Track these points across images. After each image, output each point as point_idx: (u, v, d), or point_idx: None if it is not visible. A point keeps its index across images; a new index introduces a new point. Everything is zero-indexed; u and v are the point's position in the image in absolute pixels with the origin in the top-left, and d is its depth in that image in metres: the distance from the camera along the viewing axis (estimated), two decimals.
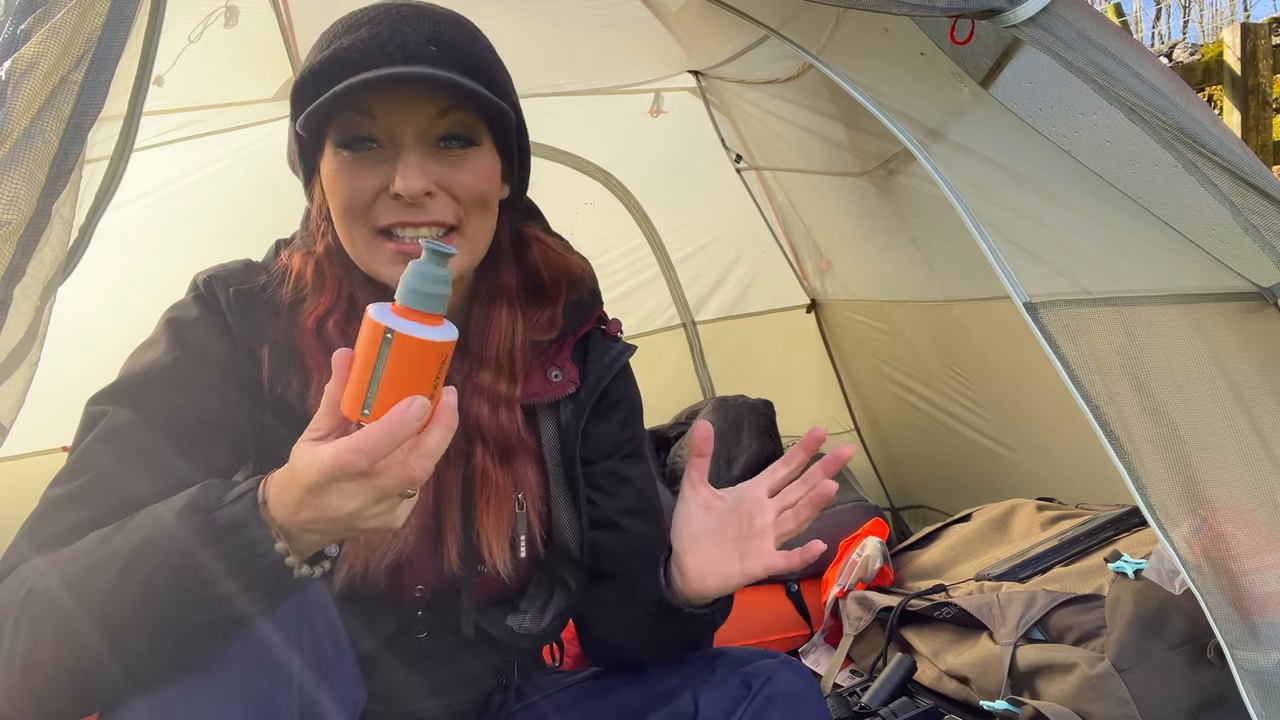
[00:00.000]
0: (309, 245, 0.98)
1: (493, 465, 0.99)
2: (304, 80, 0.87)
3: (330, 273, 0.96)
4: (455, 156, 0.89)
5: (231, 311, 0.93)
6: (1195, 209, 1.10)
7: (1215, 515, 1.03)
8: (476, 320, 1.00)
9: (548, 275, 1.04)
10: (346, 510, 0.67)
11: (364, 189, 0.88)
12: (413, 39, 0.85)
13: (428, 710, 1.04)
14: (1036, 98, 1.18)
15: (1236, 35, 3.79)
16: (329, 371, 0.70)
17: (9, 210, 0.85)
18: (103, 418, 0.85)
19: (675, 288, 3.08)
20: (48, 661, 0.71)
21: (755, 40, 2.07)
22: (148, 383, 0.88)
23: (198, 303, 0.94)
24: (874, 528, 2.09)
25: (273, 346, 0.94)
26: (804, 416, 3.02)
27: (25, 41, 0.86)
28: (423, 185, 0.86)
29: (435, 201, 0.88)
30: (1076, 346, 1.06)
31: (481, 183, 0.91)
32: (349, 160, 0.88)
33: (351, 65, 0.83)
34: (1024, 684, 1.41)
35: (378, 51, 0.84)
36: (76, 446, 0.85)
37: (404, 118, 0.87)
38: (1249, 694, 0.99)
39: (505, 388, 0.99)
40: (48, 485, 0.83)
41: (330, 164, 0.89)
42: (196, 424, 0.88)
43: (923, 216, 2.03)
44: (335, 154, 0.89)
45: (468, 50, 0.89)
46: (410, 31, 0.86)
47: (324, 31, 0.91)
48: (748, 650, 1.09)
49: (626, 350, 1.10)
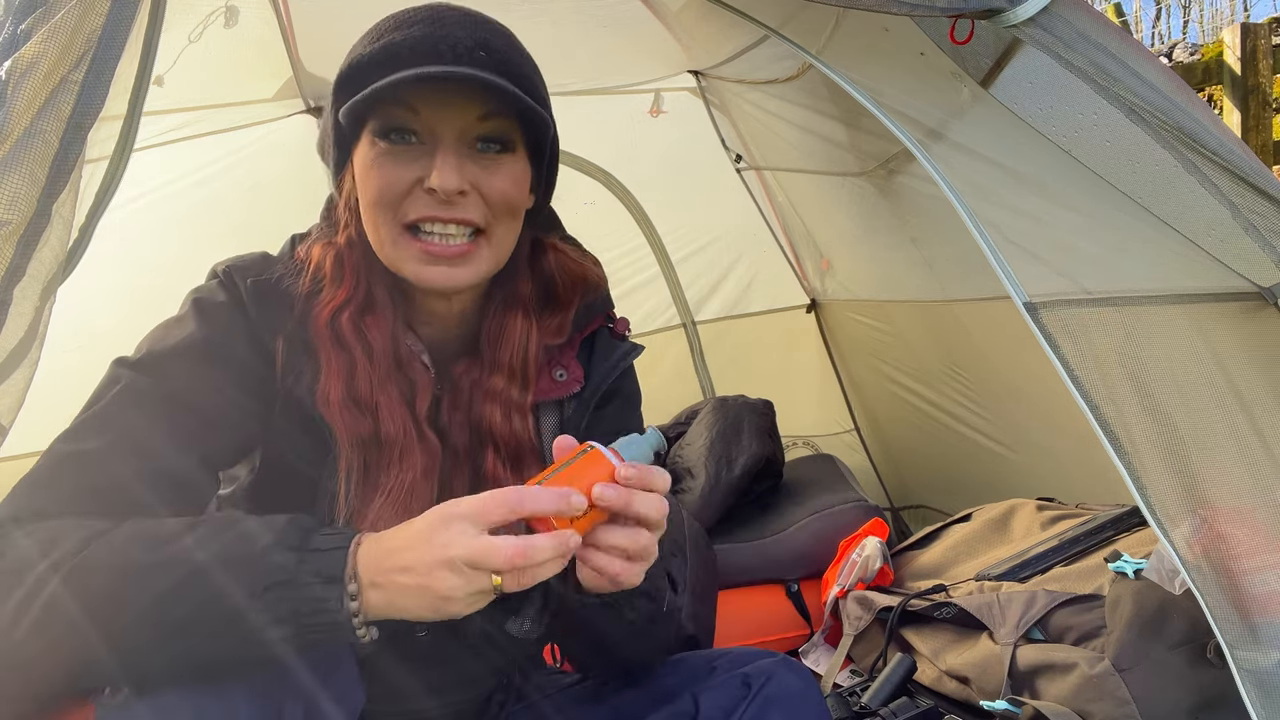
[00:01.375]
0: (330, 236, 0.99)
1: (504, 471, 0.99)
2: (352, 70, 0.88)
3: (350, 264, 0.96)
4: (491, 160, 0.91)
5: (249, 300, 0.93)
6: (1195, 209, 1.10)
7: (1215, 515, 1.03)
8: (490, 326, 1.00)
9: (562, 283, 1.05)
10: (450, 587, 0.70)
11: (399, 181, 0.89)
12: (464, 41, 0.87)
13: (428, 709, 1.04)
14: (1036, 98, 1.18)
15: (1236, 35, 3.79)
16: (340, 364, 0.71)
17: (9, 210, 0.85)
18: (123, 380, 0.86)
19: (675, 288, 3.08)
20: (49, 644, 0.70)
21: (755, 40, 2.07)
22: (172, 357, 0.89)
23: (221, 288, 0.95)
24: (874, 528, 2.09)
25: (287, 338, 0.94)
26: (804, 416, 3.03)
27: (25, 41, 0.86)
28: (458, 183, 0.87)
29: (467, 200, 0.90)
30: (1076, 346, 1.06)
31: (512, 189, 0.93)
32: (387, 151, 0.89)
33: (401, 60, 0.85)
34: (1024, 684, 1.41)
35: (429, 49, 0.86)
36: (92, 405, 0.85)
37: (446, 116, 0.88)
38: (1249, 694, 0.99)
39: (517, 394, 1.00)
40: (58, 438, 0.83)
41: (367, 154, 0.90)
42: (214, 403, 0.89)
43: (923, 216, 2.03)
44: (373, 144, 0.90)
45: (515, 60, 0.91)
46: (462, 34, 0.87)
47: (372, 25, 0.92)
48: (747, 650, 1.09)
49: (633, 350, 1.10)
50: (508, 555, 0.68)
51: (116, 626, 0.69)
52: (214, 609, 0.69)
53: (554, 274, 1.05)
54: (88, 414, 0.85)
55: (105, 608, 0.70)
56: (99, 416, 0.84)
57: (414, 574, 0.70)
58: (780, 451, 2.50)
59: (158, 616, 0.69)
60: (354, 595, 0.71)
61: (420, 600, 0.71)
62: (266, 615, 0.69)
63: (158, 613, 0.69)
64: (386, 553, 0.71)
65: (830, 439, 3.08)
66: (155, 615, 0.69)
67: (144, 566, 0.71)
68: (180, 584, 0.70)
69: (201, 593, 0.69)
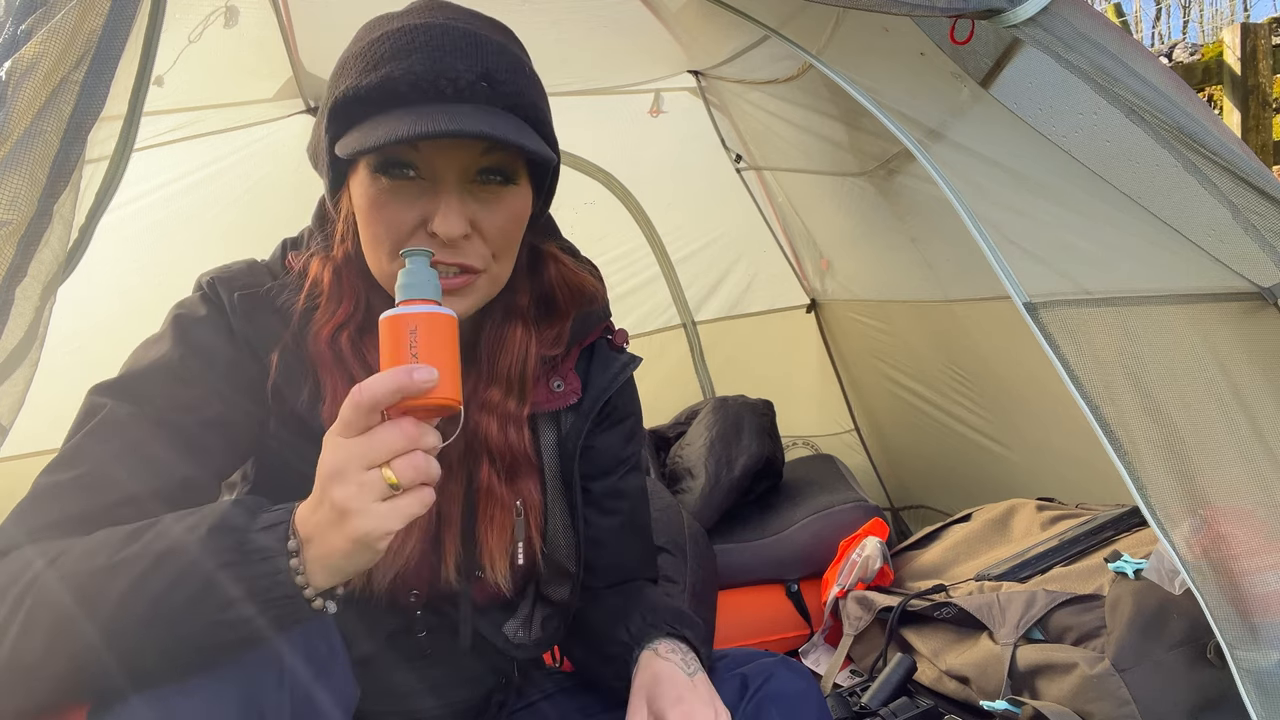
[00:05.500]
0: (326, 249, 0.96)
1: (498, 481, 0.98)
2: (348, 101, 0.84)
3: (348, 281, 0.94)
4: (492, 193, 0.88)
5: (235, 314, 0.92)
6: (1195, 209, 1.10)
7: (1215, 515, 1.03)
8: (489, 338, 0.99)
9: (561, 294, 1.03)
10: (345, 495, 0.68)
11: (403, 223, 0.86)
12: (465, 75, 0.82)
13: (428, 709, 1.04)
14: (1036, 98, 1.18)
15: (1236, 35, 3.79)
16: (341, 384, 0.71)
17: (10, 210, 0.85)
18: (102, 409, 0.85)
19: (675, 288, 3.08)
20: (36, 659, 0.70)
21: (755, 40, 2.07)
22: (151, 379, 0.88)
23: (204, 302, 0.94)
24: (874, 528, 2.09)
25: (282, 353, 0.93)
26: (804, 416, 3.03)
27: (26, 41, 0.86)
28: (461, 229, 0.85)
29: (469, 244, 0.87)
30: (1076, 346, 1.06)
31: (513, 225, 0.91)
32: (388, 189, 0.86)
33: (400, 97, 0.82)
34: (1024, 684, 1.41)
35: (429, 86, 0.82)
36: (73, 435, 0.85)
37: (448, 155, 0.85)
38: (1249, 694, 0.99)
39: (514, 406, 0.99)
40: (41, 471, 0.83)
41: (367, 187, 0.87)
42: (196, 423, 0.88)
43: (923, 216, 2.03)
44: (373, 178, 0.86)
45: (518, 86, 0.86)
46: (463, 67, 0.83)
47: (368, 39, 0.86)
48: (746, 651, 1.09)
49: (632, 362, 1.09)
50: (362, 442, 0.68)
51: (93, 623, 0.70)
52: (177, 595, 0.69)
53: (553, 284, 1.03)
54: (68, 444, 0.84)
55: (80, 605, 0.70)
56: (78, 446, 0.84)
57: (320, 508, 0.70)
58: (780, 451, 2.50)
59: (126, 611, 0.70)
60: (294, 552, 0.70)
61: (339, 534, 0.69)
62: (224, 595, 0.69)
63: (125, 608, 0.70)
64: (309, 508, 0.71)
65: (830, 439, 3.08)
66: (124, 611, 0.70)
67: (109, 566, 0.71)
68: (143, 576, 0.70)
69: (162, 582, 0.70)
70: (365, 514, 0.68)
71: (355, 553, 0.70)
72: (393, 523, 0.69)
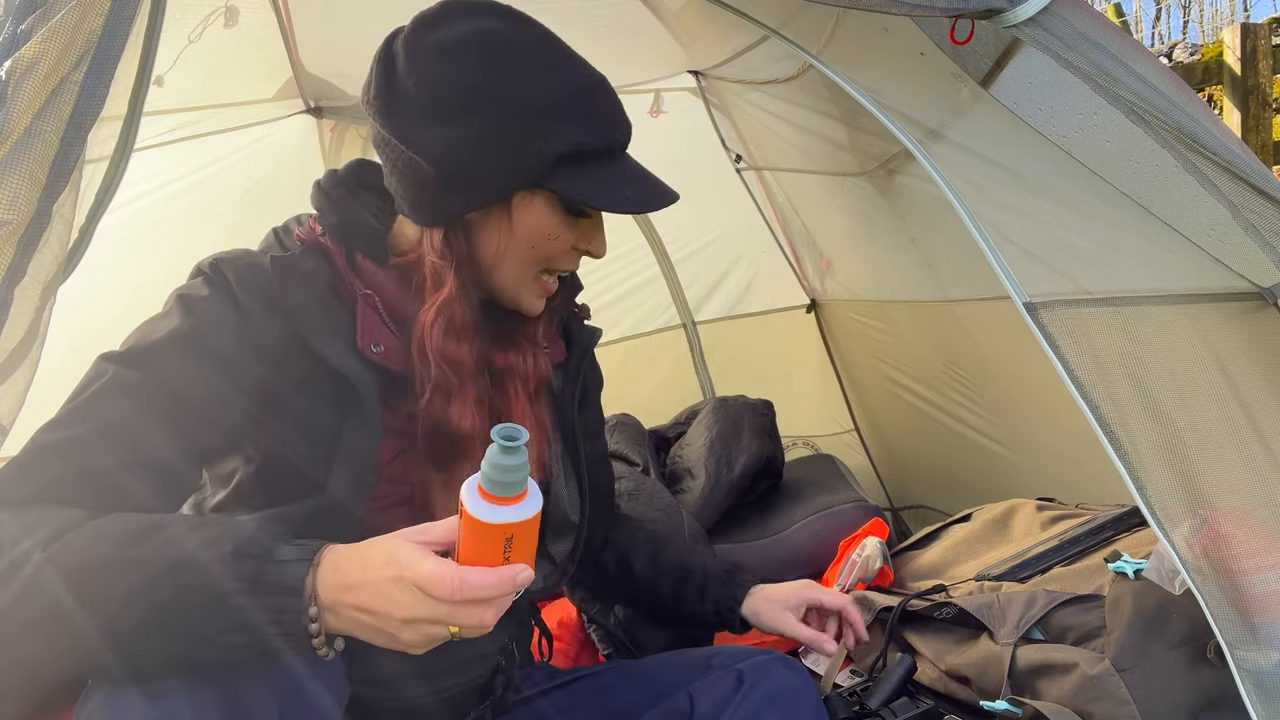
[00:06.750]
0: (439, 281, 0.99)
1: (527, 404, 1.06)
2: (581, 152, 0.95)
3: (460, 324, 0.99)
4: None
5: (241, 290, 0.93)
6: (1195, 209, 1.10)
7: (1215, 515, 1.03)
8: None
9: None
10: (401, 616, 0.70)
11: (564, 248, 1.01)
12: (626, 129, 1.03)
13: (419, 695, 1.05)
14: (1036, 98, 1.18)
15: (1236, 35, 3.79)
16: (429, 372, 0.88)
17: (10, 210, 0.85)
18: (108, 374, 0.86)
19: (675, 288, 3.08)
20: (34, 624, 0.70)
21: (755, 40, 2.07)
22: (158, 351, 0.89)
23: (207, 283, 0.95)
24: (874, 528, 2.08)
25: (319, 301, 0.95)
26: (804, 416, 3.02)
27: (25, 41, 0.86)
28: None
29: None
30: (1076, 346, 1.06)
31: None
32: (566, 222, 1.00)
33: (614, 156, 1.00)
34: (1024, 684, 1.41)
35: (625, 140, 1.04)
36: (76, 396, 0.85)
37: None
38: (1249, 694, 0.99)
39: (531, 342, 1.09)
40: (41, 428, 0.83)
41: (546, 216, 0.98)
42: (200, 397, 0.88)
43: (923, 216, 2.03)
44: (554, 210, 0.98)
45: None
46: (623, 121, 1.03)
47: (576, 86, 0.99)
48: (743, 648, 1.09)
49: (597, 332, 1.22)
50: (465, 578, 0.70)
51: (91, 617, 0.70)
52: (178, 609, 0.70)
53: None
54: (72, 404, 0.85)
55: (80, 596, 0.70)
56: (83, 406, 0.84)
57: (371, 617, 0.72)
58: (780, 451, 2.50)
59: (128, 612, 0.70)
60: (314, 618, 0.71)
61: (368, 632, 0.73)
62: (225, 622, 0.70)
63: (128, 608, 0.70)
64: (344, 588, 0.72)
65: (830, 439, 3.08)
66: (126, 611, 0.70)
67: (115, 562, 0.71)
68: (148, 583, 0.70)
69: (165, 593, 0.70)
70: (416, 648, 0.73)
71: (369, 632, 0.73)
72: (425, 647, 0.73)
